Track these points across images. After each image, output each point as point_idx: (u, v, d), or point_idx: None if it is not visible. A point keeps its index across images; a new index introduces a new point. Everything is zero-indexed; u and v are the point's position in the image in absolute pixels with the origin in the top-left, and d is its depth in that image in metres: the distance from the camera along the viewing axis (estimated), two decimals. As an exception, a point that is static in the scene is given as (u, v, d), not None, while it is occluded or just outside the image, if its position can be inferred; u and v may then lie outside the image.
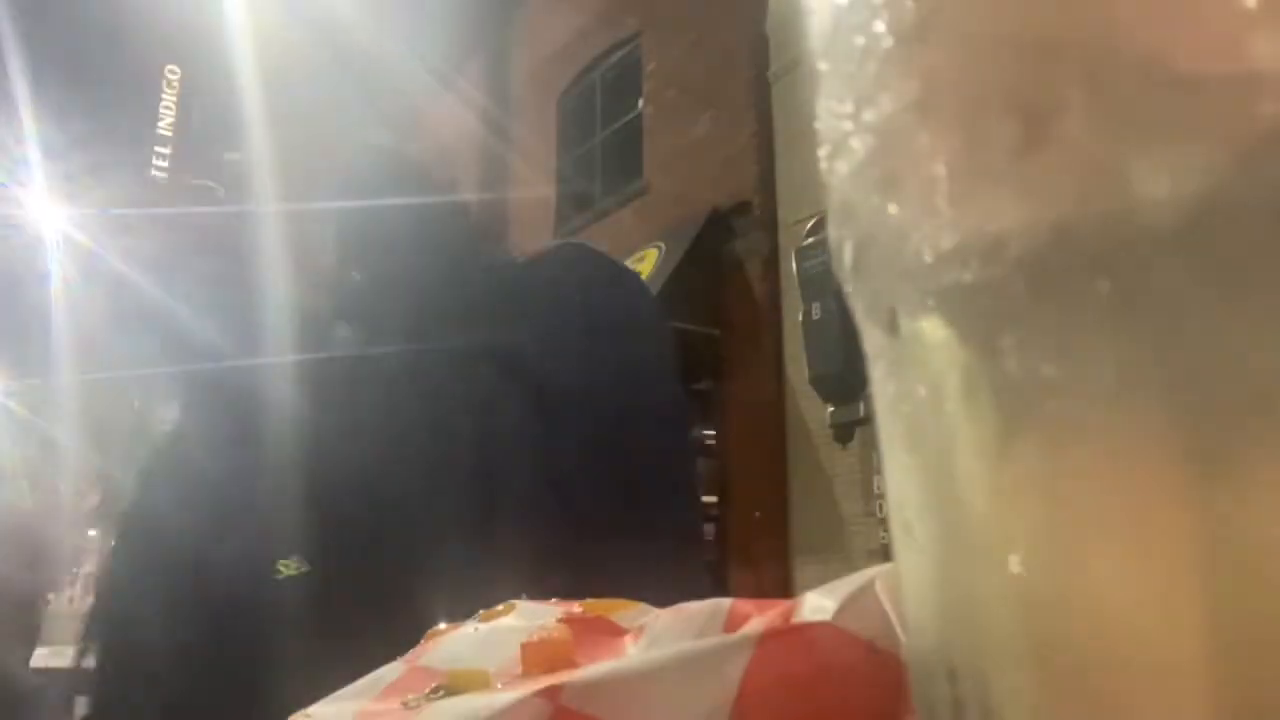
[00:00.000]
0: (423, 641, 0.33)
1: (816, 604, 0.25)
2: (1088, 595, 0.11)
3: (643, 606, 0.32)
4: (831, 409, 5.07)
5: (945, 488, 0.13)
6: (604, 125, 7.69)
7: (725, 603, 0.28)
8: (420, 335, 0.63)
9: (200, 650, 0.55)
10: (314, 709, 0.28)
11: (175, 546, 0.59)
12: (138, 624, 0.59)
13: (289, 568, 0.55)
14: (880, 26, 0.13)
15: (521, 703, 0.24)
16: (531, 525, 0.56)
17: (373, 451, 0.57)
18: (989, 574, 0.12)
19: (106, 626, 0.63)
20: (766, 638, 0.24)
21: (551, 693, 0.24)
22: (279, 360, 0.61)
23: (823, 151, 0.15)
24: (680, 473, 0.67)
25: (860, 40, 0.13)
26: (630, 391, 0.62)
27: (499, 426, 0.59)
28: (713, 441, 5.89)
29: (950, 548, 0.13)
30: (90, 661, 0.62)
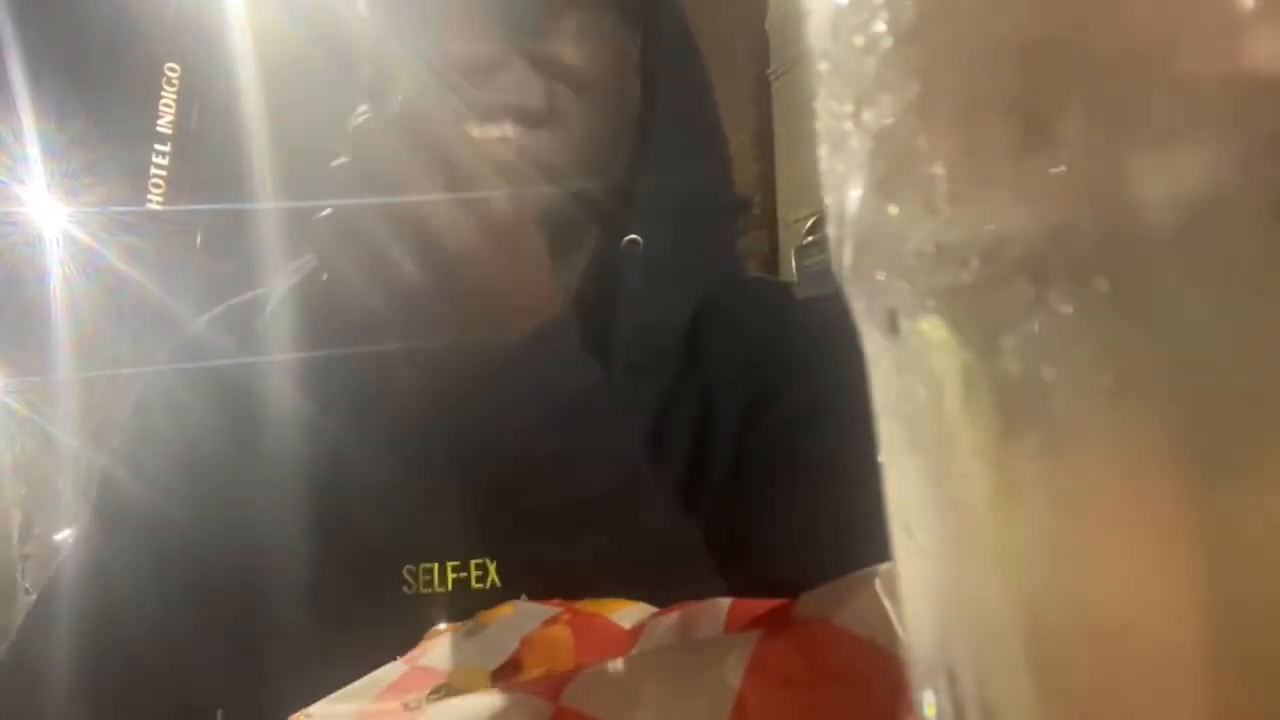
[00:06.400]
0: (423, 641, 0.33)
1: (816, 604, 0.25)
2: (1087, 595, 0.11)
3: (642, 605, 0.32)
4: (831, 408, 5.05)
5: (945, 488, 0.13)
6: (603, 123, 7.67)
7: (725, 602, 0.28)
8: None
9: None
10: (314, 709, 0.28)
11: None
12: None
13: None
14: (880, 26, 0.13)
15: (522, 702, 0.24)
16: None
17: None
18: (988, 574, 0.12)
19: None
20: (766, 637, 0.24)
21: (552, 692, 0.24)
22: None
23: (823, 151, 0.15)
24: None
25: (860, 40, 0.13)
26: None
27: None
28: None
29: (950, 548, 0.13)
30: None
